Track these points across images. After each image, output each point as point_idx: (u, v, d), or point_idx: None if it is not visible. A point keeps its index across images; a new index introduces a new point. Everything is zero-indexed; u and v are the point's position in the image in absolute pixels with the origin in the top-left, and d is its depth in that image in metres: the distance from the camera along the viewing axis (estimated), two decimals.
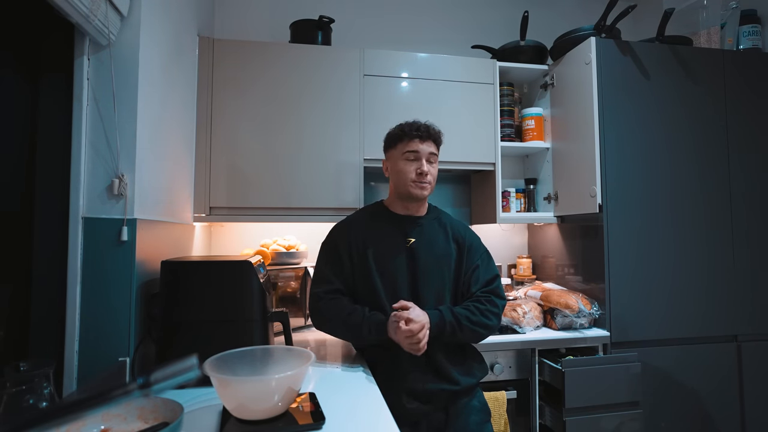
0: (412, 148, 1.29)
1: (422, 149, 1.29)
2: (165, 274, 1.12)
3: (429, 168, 1.30)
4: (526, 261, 2.20)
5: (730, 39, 2.00)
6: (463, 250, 1.34)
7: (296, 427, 0.84)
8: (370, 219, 1.36)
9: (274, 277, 1.72)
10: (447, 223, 1.39)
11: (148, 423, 0.77)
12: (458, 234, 1.36)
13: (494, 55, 2.12)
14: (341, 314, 1.22)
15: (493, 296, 1.29)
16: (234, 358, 0.92)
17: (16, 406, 0.70)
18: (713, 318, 1.77)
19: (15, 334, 1.00)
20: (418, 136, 1.30)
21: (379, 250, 1.28)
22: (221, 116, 1.73)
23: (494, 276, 1.34)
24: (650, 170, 1.77)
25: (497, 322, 1.27)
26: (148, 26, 1.18)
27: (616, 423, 1.54)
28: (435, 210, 1.43)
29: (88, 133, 1.08)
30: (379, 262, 1.27)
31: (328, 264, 1.31)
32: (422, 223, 1.35)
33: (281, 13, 2.12)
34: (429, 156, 1.31)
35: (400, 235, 1.31)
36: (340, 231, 1.35)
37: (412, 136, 1.30)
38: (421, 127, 1.31)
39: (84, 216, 1.07)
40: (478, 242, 1.39)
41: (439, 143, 1.34)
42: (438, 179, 2.23)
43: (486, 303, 1.26)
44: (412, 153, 1.30)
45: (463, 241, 1.35)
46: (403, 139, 1.31)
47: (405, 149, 1.30)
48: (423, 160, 1.29)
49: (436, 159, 1.34)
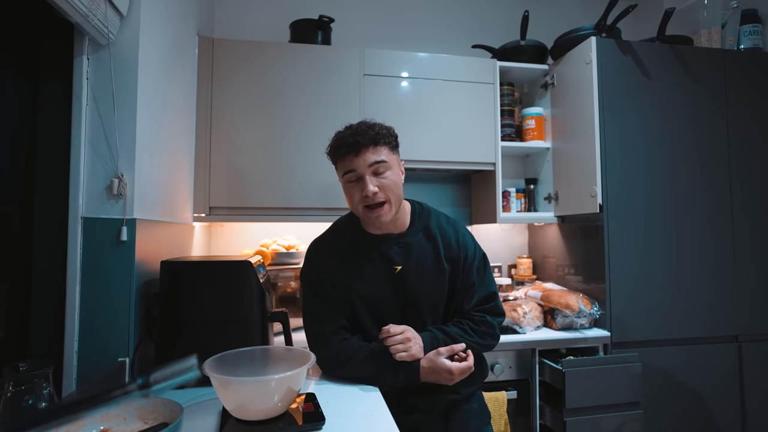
0: (348, 168, 1.08)
1: (359, 165, 1.06)
2: (164, 274, 1.12)
3: (379, 182, 1.06)
4: (527, 261, 2.20)
5: (731, 39, 2.00)
6: (458, 266, 1.16)
7: (296, 427, 0.83)
8: (347, 246, 1.16)
9: (273, 277, 1.72)
10: (437, 234, 1.17)
11: (147, 423, 0.77)
12: (451, 247, 1.17)
13: (494, 54, 2.12)
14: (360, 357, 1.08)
15: (488, 315, 1.15)
16: (234, 358, 0.92)
17: (16, 406, 0.70)
18: (714, 318, 1.77)
19: (15, 334, 1.00)
20: (348, 151, 1.06)
21: (363, 283, 1.12)
22: (221, 116, 1.73)
23: (490, 293, 1.18)
24: (651, 170, 1.77)
25: (493, 342, 1.16)
26: (147, 26, 1.18)
27: (617, 423, 1.54)
28: (422, 216, 1.19)
29: (88, 132, 1.08)
30: (364, 296, 1.12)
31: (321, 298, 1.14)
32: (407, 242, 1.14)
33: (281, 12, 2.12)
34: (374, 168, 1.06)
35: (383, 262, 1.13)
36: (318, 265, 1.17)
37: (341, 152, 1.08)
38: (349, 138, 1.06)
39: (83, 216, 1.07)
40: (473, 251, 1.19)
41: (384, 142, 1.08)
42: (438, 179, 2.28)
43: (479, 324, 1.14)
44: (350, 174, 1.08)
45: (457, 256, 1.16)
46: (337, 159, 1.10)
47: (343, 171, 1.09)
48: (366, 177, 1.05)
49: (389, 164, 1.08)
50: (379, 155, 1.07)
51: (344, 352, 1.09)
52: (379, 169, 1.07)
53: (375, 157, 1.06)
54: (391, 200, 1.08)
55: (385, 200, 1.07)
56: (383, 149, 1.08)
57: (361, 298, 1.13)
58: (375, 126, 1.09)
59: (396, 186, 1.09)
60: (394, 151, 1.13)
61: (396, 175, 1.11)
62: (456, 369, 1.06)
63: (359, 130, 1.07)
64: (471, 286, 1.16)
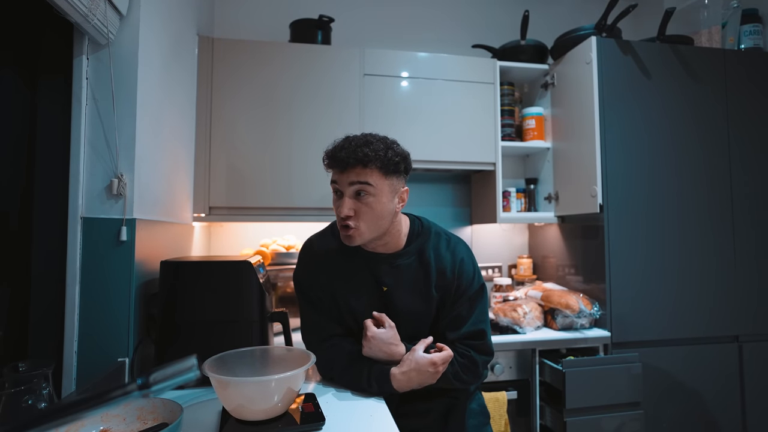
0: (332, 178, 1.02)
1: (342, 181, 0.99)
2: (164, 274, 1.12)
3: (356, 206, 0.99)
4: (527, 261, 2.20)
5: (731, 38, 2.00)
6: (449, 296, 1.09)
7: (296, 427, 0.83)
8: (340, 254, 1.11)
9: (273, 277, 1.72)
10: (431, 260, 1.09)
11: (147, 423, 0.77)
12: (444, 275, 1.09)
13: (495, 54, 2.12)
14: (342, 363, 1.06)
15: (473, 351, 1.06)
16: (233, 358, 0.92)
17: (15, 406, 0.70)
18: (714, 318, 1.77)
19: (14, 334, 0.99)
20: (335, 165, 1.00)
21: (353, 297, 1.09)
22: (221, 116, 1.73)
23: (479, 331, 1.08)
24: (651, 170, 1.77)
25: (473, 380, 1.08)
26: (147, 26, 1.18)
27: (617, 423, 1.54)
28: (420, 237, 1.11)
29: (87, 132, 1.08)
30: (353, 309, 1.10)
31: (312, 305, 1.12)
32: (398, 264, 1.08)
33: (281, 12, 2.12)
34: (356, 189, 0.98)
35: (371, 278, 1.09)
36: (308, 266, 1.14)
37: (329, 165, 1.02)
38: (340, 152, 0.98)
39: (83, 216, 1.07)
40: (469, 281, 1.10)
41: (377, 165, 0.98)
42: (438, 179, 2.28)
43: (463, 357, 1.06)
44: (334, 185, 1.02)
45: (450, 286, 1.09)
46: (327, 167, 1.04)
47: (331, 179, 1.03)
48: (345, 197, 0.99)
49: (376, 189, 0.98)
50: (363, 177, 0.98)
51: (329, 361, 1.08)
52: (363, 190, 0.98)
53: (358, 178, 0.98)
54: (362, 228, 1.00)
55: (354, 226, 1.00)
56: (373, 173, 0.98)
57: (350, 310, 1.10)
58: (372, 145, 0.98)
59: (376, 215, 0.99)
60: (391, 176, 1.01)
61: (381, 203, 0.99)
62: (438, 359, 1.01)
63: (353, 145, 0.98)
64: (457, 318, 1.08)
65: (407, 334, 1.09)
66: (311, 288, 1.12)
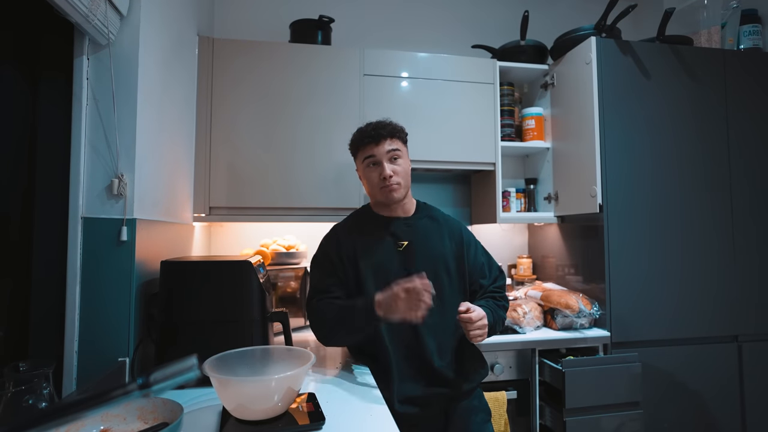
0: (368, 153, 1.26)
1: (378, 152, 1.25)
2: (164, 274, 1.12)
3: (393, 167, 1.25)
4: (527, 261, 2.20)
5: (730, 39, 2.00)
6: (462, 247, 1.31)
7: (296, 427, 0.83)
8: (357, 226, 1.32)
9: (273, 277, 1.72)
10: (440, 219, 1.35)
11: (147, 423, 0.77)
12: (453, 230, 1.33)
13: (494, 54, 2.12)
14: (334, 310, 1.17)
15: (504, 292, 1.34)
16: (234, 358, 0.92)
17: (16, 406, 0.70)
18: (714, 318, 1.77)
19: (15, 334, 1.00)
20: (370, 141, 1.25)
21: (371, 257, 1.24)
22: (221, 116, 1.73)
23: (501, 272, 1.38)
24: (651, 170, 1.77)
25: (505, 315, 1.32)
26: (147, 26, 1.18)
27: (617, 423, 1.54)
28: (425, 208, 1.38)
29: (88, 132, 1.08)
30: (372, 270, 1.23)
31: (323, 275, 1.26)
32: (412, 223, 1.31)
33: (281, 12, 2.12)
34: (390, 155, 1.25)
35: (390, 239, 1.27)
36: (329, 242, 1.31)
37: (364, 142, 1.27)
38: (371, 131, 1.26)
39: (83, 216, 1.07)
40: (475, 240, 1.37)
41: (398, 136, 1.28)
42: (438, 179, 2.28)
43: (501, 299, 1.31)
44: (370, 159, 1.26)
45: (460, 238, 1.32)
46: (359, 147, 1.29)
47: (364, 156, 1.28)
48: (384, 162, 1.24)
49: (401, 153, 1.28)
50: (395, 145, 1.26)
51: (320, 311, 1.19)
52: (395, 155, 1.26)
53: (391, 146, 1.26)
54: (402, 183, 1.26)
55: (397, 183, 1.25)
56: (398, 141, 1.28)
57: (368, 266, 1.23)
58: (391, 123, 1.30)
59: (406, 173, 1.29)
60: (405, 145, 1.33)
61: (407, 164, 1.30)
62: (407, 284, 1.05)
63: (379, 125, 1.27)
64: (482, 266, 1.33)
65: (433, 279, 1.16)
66: (330, 258, 1.26)
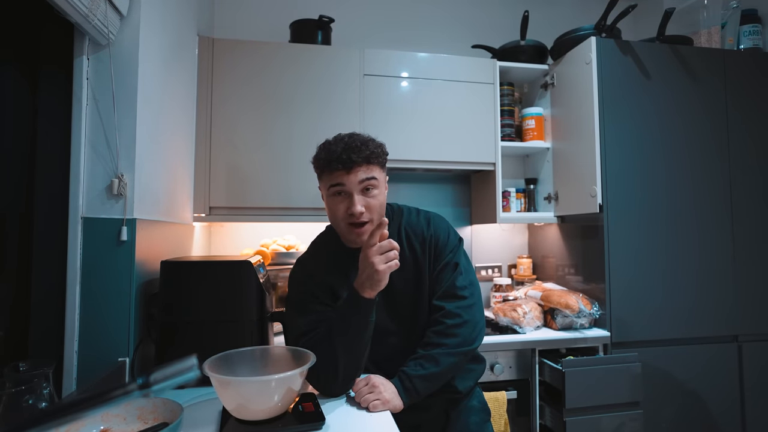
0: (336, 181, 1.03)
1: (349, 181, 1.01)
2: (164, 274, 1.12)
3: (367, 201, 1.03)
4: (527, 261, 2.20)
5: (730, 39, 2.00)
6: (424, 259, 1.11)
7: (296, 427, 0.83)
8: (324, 259, 1.13)
9: (273, 277, 1.72)
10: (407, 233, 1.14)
11: (147, 423, 0.77)
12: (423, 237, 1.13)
13: (494, 54, 2.12)
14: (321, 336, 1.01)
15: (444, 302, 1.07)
16: (234, 358, 0.92)
17: (16, 406, 0.70)
18: (714, 318, 1.77)
19: (15, 334, 1.00)
20: (340, 168, 1.01)
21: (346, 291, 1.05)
22: (221, 116, 1.73)
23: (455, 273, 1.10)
24: (650, 170, 1.77)
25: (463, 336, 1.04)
26: (147, 26, 1.18)
27: (617, 423, 1.54)
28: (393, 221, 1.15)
29: (88, 132, 1.08)
30: None
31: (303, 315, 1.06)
32: None
33: (281, 12, 2.12)
34: (364, 185, 1.03)
35: None
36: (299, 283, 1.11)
37: (332, 167, 1.02)
38: (341, 154, 1.01)
39: (83, 216, 1.07)
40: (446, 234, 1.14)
41: (376, 162, 1.05)
42: (438, 179, 2.28)
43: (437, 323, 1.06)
44: (336, 187, 1.03)
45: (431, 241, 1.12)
46: (325, 170, 1.05)
47: (330, 183, 1.04)
48: (354, 195, 1.02)
49: (378, 183, 1.05)
50: (370, 173, 1.03)
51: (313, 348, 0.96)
52: (369, 185, 1.03)
53: (367, 174, 1.03)
54: (374, 220, 1.04)
55: (368, 220, 1.04)
56: (375, 168, 1.05)
57: None
58: (369, 143, 1.05)
59: (381, 206, 1.07)
60: (383, 169, 1.09)
61: (382, 194, 1.08)
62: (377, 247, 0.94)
63: (353, 146, 1.02)
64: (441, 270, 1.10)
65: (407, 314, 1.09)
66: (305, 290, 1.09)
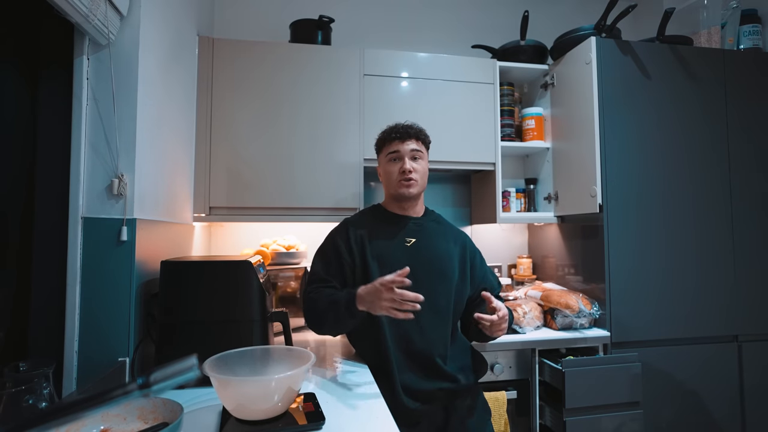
0: (393, 149, 1.34)
1: (402, 148, 1.33)
2: (165, 274, 1.12)
3: (413, 165, 1.33)
4: (526, 261, 2.20)
5: (730, 39, 2.00)
6: (466, 252, 1.38)
7: (296, 427, 0.83)
8: (368, 220, 1.38)
9: (274, 277, 1.72)
10: (446, 225, 1.44)
11: (147, 423, 0.77)
12: (458, 237, 1.41)
13: (494, 54, 2.12)
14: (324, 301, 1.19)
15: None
16: (234, 358, 0.92)
17: (16, 406, 0.70)
18: (714, 318, 1.77)
19: (15, 334, 1.00)
20: (397, 138, 1.34)
21: (379, 249, 1.29)
22: (221, 116, 1.73)
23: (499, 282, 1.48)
24: (650, 170, 1.77)
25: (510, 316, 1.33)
26: (147, 26, 1.18)
27: (617, 423, 1.54)
28: (433, 213, 1.46)
29: (88, 132, 1.08)
30: (378, 261, 1.27)
31: (324, 263, 1.31)
32: (421, 223, 1.37)
33: (281, 12, 2.12)
34: (412, 153, 1.33)
35: (399, 235, 1.33)
36: (338, 231, 1.36)
37: (391, 138, 1.35)
38: (400, 129, 1.35)
39: (84, 216, 1.07)
40: (479, 251, 1.45)
41: (422, 139, 1.37)
42: (438, 179, 2.28)
43: None
44: (393, 153, 1.34)
45: (464, 245, 1.39)
46: (386, 142, 1.37)
47: (388, 151, 1.35)
48: (405, 158, 1.32)
49: (422, 155, 1.36)
50: (418, 146, 1.35)
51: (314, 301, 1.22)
52: (416, 155, 1.34)
53: (414, 146, 1.34)
54: (419, 181, 1.33)
55: (415, 179, 1.32)
56: (421, 144, 1.36)
57: (375, 257, 1.28)
58: (417, 126, 1.39)
59: (424, 173, 1.36)
60: (427, 149, 1.40)
61: (426, 166, 1.38)
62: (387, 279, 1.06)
63: (407, 125, 1.36)
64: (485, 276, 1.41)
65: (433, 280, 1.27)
66: (336, 247, 1.31)
